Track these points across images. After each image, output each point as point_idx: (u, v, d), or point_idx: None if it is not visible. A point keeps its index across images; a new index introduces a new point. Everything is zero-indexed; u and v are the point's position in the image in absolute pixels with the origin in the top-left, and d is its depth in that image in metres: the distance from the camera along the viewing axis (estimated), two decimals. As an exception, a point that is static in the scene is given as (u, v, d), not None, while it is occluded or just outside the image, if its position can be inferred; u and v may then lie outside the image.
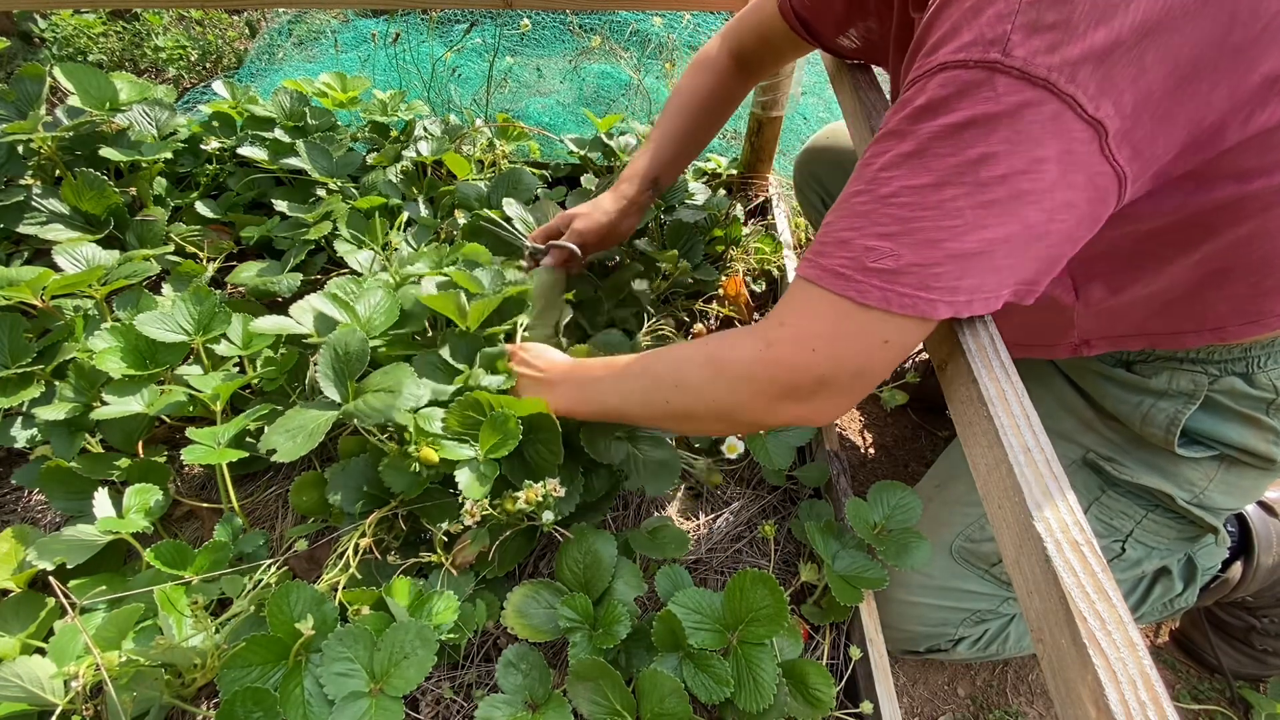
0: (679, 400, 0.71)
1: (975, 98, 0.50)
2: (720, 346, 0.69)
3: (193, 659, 0.75)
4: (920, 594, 0.93)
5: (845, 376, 0.61)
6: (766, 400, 0.65)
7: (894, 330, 0.58)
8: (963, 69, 0.50)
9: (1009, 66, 0.48)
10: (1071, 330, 0.77)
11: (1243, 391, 0.77)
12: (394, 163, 1.44)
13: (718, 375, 0.67)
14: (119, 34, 2.37)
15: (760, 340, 0.64)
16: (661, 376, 0.73)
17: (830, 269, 0.59)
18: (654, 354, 0.76)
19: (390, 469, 0.83)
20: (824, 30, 0.96)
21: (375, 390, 0.83)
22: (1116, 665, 0.44)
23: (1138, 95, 0.48)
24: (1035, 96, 0.48)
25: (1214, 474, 0.82)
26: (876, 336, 0.58)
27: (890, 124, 0.56)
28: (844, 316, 0.58)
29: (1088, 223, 0.55)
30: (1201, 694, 1.10)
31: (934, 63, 0.53)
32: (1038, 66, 0.48)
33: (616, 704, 0.73)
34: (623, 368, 0.79)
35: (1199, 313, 0.70)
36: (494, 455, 0.81)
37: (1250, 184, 0.57)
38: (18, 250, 1.25)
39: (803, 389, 0.63)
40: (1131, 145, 0.50)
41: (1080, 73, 0.47)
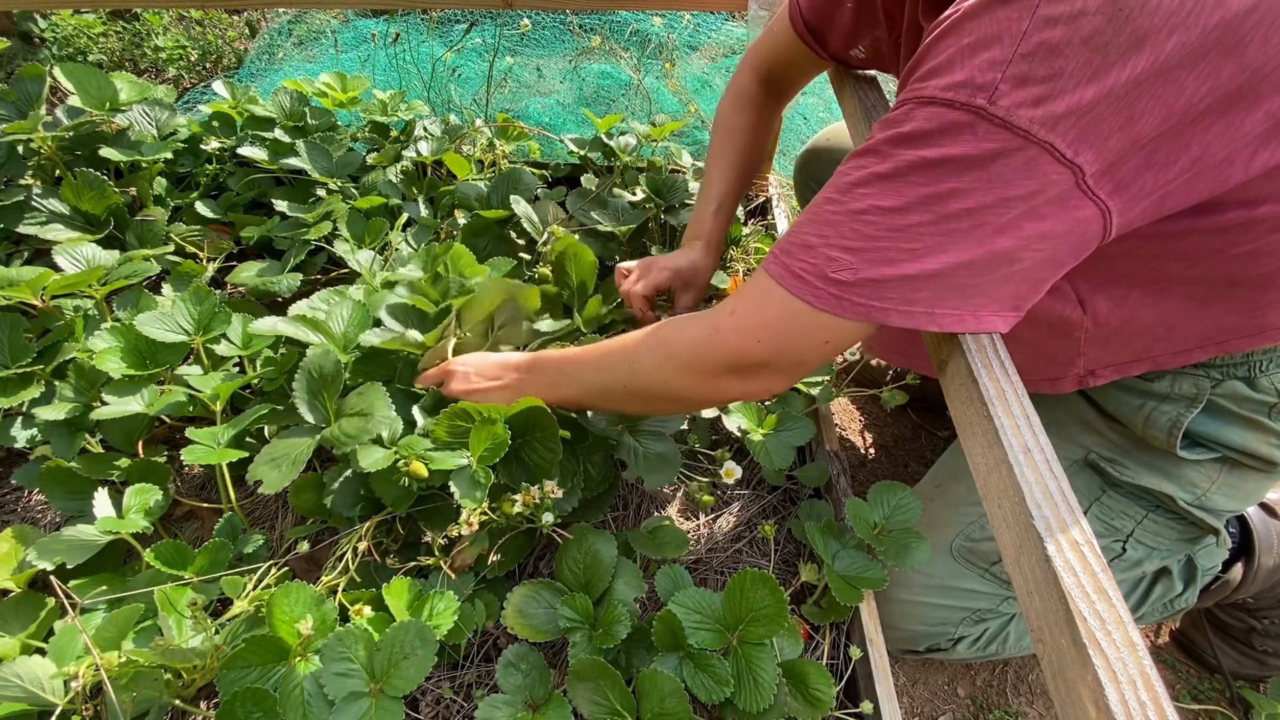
0: (634, 384, 0.76)
1: (956, 138, 0.52)
2: (671, 331, 0.74)
3: (193, 659, 0.74)
4: (920, 593, 0.93)
5: (784, 363, 0.67)
6: (710, 378, 0.71)
7: (838, 330, 0.62)
8: (949, 108, 0.52)
9: (991, 115, 0.50)
10: (1078, 360, 0.77)
11: (1245, 395, 0.76)
12: (394, 163, 1.44)
13: (667, 358, 0.73)
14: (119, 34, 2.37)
15: (709, 326, 0.69)
16: (616, 364, 0.78)
17: (792, 270, 0.62)
18: (609, 342, 0.81)
19: (380, 481, 0.83)
20: (833, 40, 0.97)
21: (350, 414, 0.84)
22: (1116, 665, 0.44)
23: (1125, 141, 0.49)
24: (1014, 144, 0.50)
25: (1216, 476, 0.82)
26: (820, 336, 0.63)
27: (874, 140, 0.58)
28: (794, 315, 0.62)
29: (1070, 250, 0.56)
30: (1201, 694, 1.10)
31: (925, 93, 0.54)
32: (1019, 119, 0.49)
33: (616, 704, 0.73)
34: (579, 357, 0.83)
35: (1202, 329, 0.70)
36: (487, 461, 0.80)
37: (1258, 209, 0.57)
38: (18, 250, 1.25)
39: (744, 369, 0.69)
40: (1114, 181, 0.51)
41: (1061, 124, 0.49)
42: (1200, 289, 0.67)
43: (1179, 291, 0.67)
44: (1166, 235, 0.61)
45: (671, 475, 0.93)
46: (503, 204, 1.28)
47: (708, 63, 2.21)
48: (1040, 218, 0.53)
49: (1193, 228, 0.59)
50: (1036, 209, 0.52)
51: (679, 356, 0.72)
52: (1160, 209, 0.55)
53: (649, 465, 0.93)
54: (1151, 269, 0.66)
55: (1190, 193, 0.53)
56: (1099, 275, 0.68)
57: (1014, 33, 0.49)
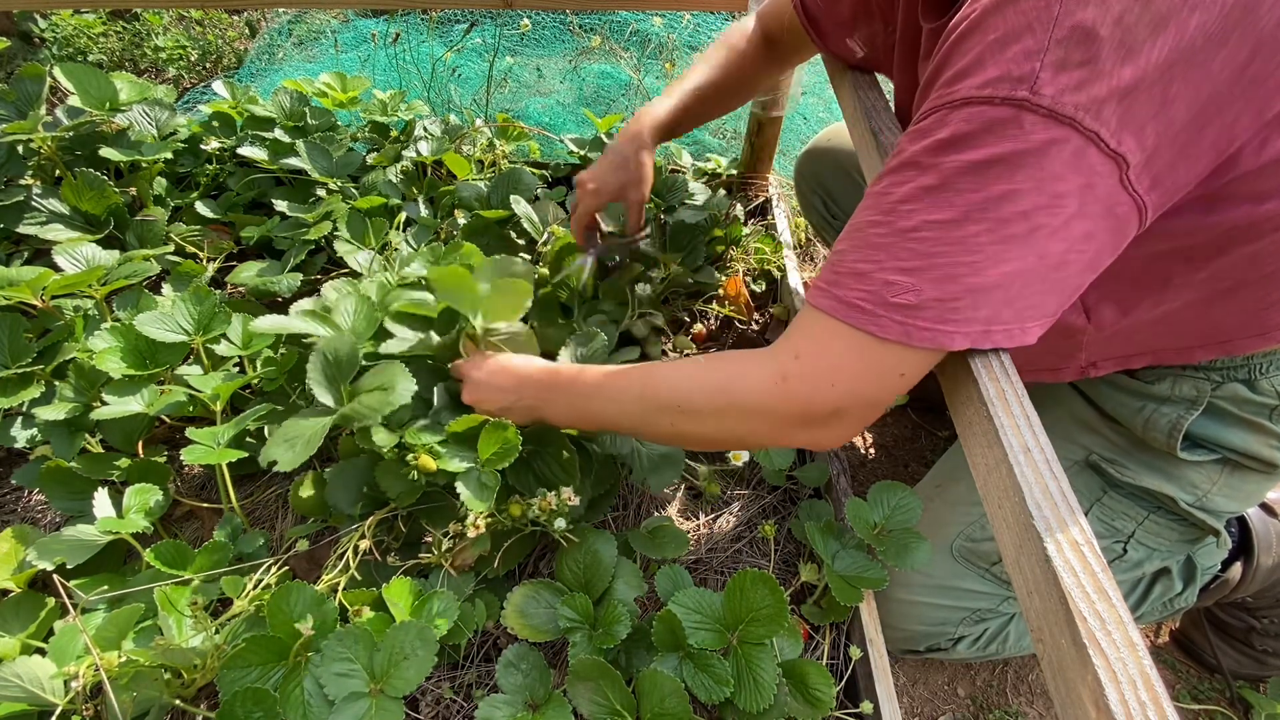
0: (685, 425, 0.70)
1: (1001, 135, 0.50)
2: (731, 376, 0.67)
3: (193, 659, 0.74)
4: (920, 593, 0.93)
5: (860, 407, 0.62)
6: (780, 430, 0.66)
7: (910, 363, 0.58)
8: (988, 105, 0.50)
9: (1036, 105, 0.48)
10: (1079, 353, 0.77)
11: (1245, 398, 0.76)
12: (394, 163, 1.44)
13: (729, 405, 0.66)
14: (119, 34, 2.37)
15: (775, 373, 0.63)
16: (664, 400, 0.71)
17: (848, 301, 0.58)
18: (652, 372, 0.74)
19: (386, 474, 0.83)
20: (829, 31, 0.97)
21: (369, 390, 0.82)
22: (1116, 665, 0.44)
23: (1160, 128, 0.48)
24: (1061, 135, 0.48)
25: (1217, 478, 0.82)
26: (894, 370, 0.59)
27: (909, 153, 0.56)
28: (863, 351, 0.58)
29: (1108, 251, 0.54)
30: (1201, 694, 1.10)
31: (957, 95, 0.52)
32: (1065, 105, 0.48)
33: (616, 704, 0.73)
34: (619, 387, 0.75)
35: (1206, 328, 0.70)
36: (494, 465, 0.80)
37: (1264, 205, 0.57)
38: (18, 250, 1.25)
39: (817, 419, 0.63)
40: (1152, 176, 0.50)
41: (1105, 110, 0.47)
42: (1205, 290, 0.66)
43: (1184, 292, 0.67)
44: (1173, 234, 0.60)
45: (675, 475, 0.93)
46: (503, 204, 1.28)
47: (708, 63, 2.20)
48: (1087, 217, 0.51)
49: (1200, 226, 0.59)
50: (1085, 208, 0.51)
51: (742, 407, 0.66)
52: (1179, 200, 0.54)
53: (653, 467, 0.93)
54: (1157, 270, 0.66)
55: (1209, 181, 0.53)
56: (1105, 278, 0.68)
57: (1045, 20, 0.48)
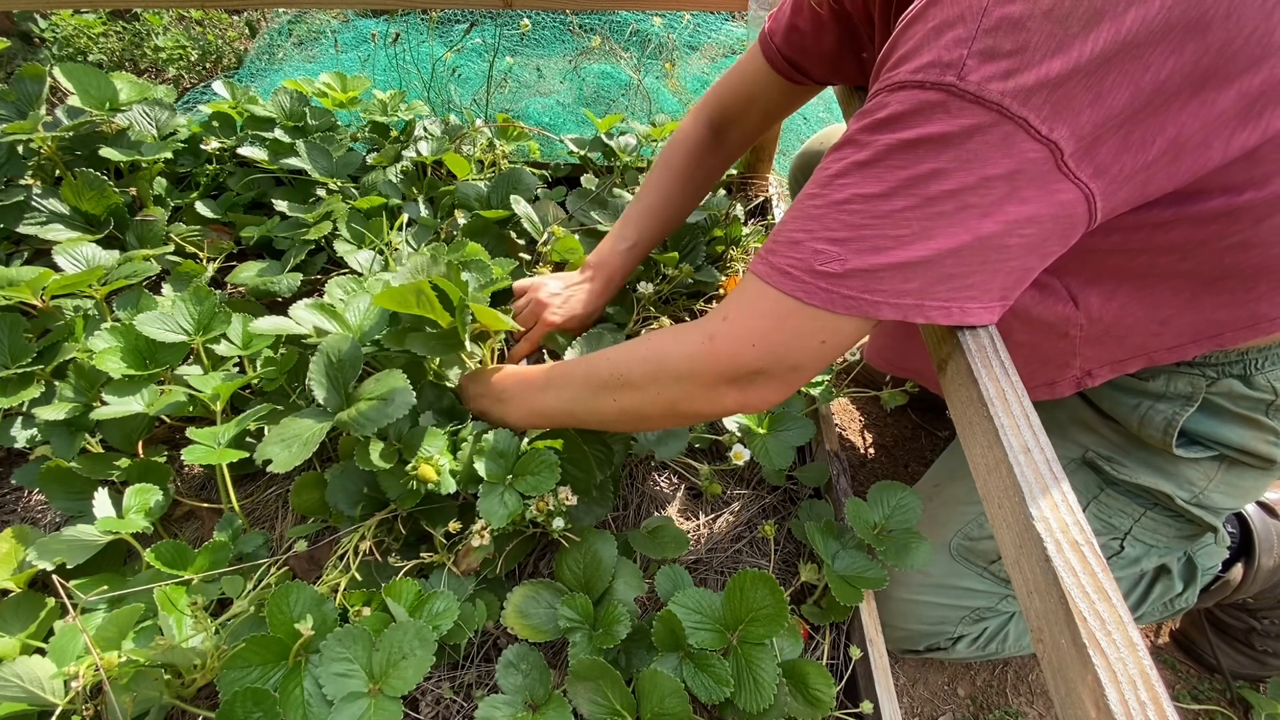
0: (626, 399, 0.73)
1: (930, 117, 0.52)
2: (664, 342, 0.72)
3: (193, 659, 0.74)
4: (919, 592, 0.94)
5: (781, 369, 0.65)
6: (706, 389, 0.68)
7: (833, 329, 0.61)
8: (920, 89, 0.52)
9: (963, 90, 0.50)
10: (1074, 360, 0.77)
11: (1241, 393, 0.76)
12: (394, 163, 1.44)
13: (661, 370, 0.70)
14: (119, 34, 2.37)
15: (703, 334, 0.67)
16: (606, 378, 0.75)
17: (779, 268, 0.61)
18: (595, 356, 0.79)
19: (387, 478, 0.83)
20: (814, 69, 0.97)
21: (368, 398, 0.82)
22: (1116, 665, 0.44)
23: (1097, 117, 0.49)
24: (987, 119, 0.50)
25: (1214, 474, 0.82)
26: (815, 335, 0.61)
27: (850, 132, 0.59)
28: (787, 314, 0.61)
29: (1056, 237, 0.55)
30: (1201, 694, 1.10)
31: (895, 79, 0.55)
32: (990, 91, 0.49)
33: (616, 704, 0.73)
34: (565, 373, 0.81)
35: (1197, 322, 0.70)
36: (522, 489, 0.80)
37: (1240, 196, 0.57)
38: (18, 250, 1.25)
39: (740, 378, 0.66)
40: (1094, 164, 0.51)
41: (1034, 98, 0.49)
42: (1190, 283, 0.67)
43: (1169, 286, 0.67)
44: (1152, 226, 0.60)
45: (681, 447, 0.96)
46: (503, 204, 1.28)
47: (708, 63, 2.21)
48: (1023, 200, 0.52)
49: (1178, 218, 0.59)
50: (1018, 190, 0.52)
51: (674, 368, 0.69)
52: (1145, 192, 0.55)
53: (658, 438, 0.96)
54: (1140, 263, 0.66)
55: (1173, 175, 0.53)
56: (1088, 271, 0.68)
57: (976, 11, 0.50)
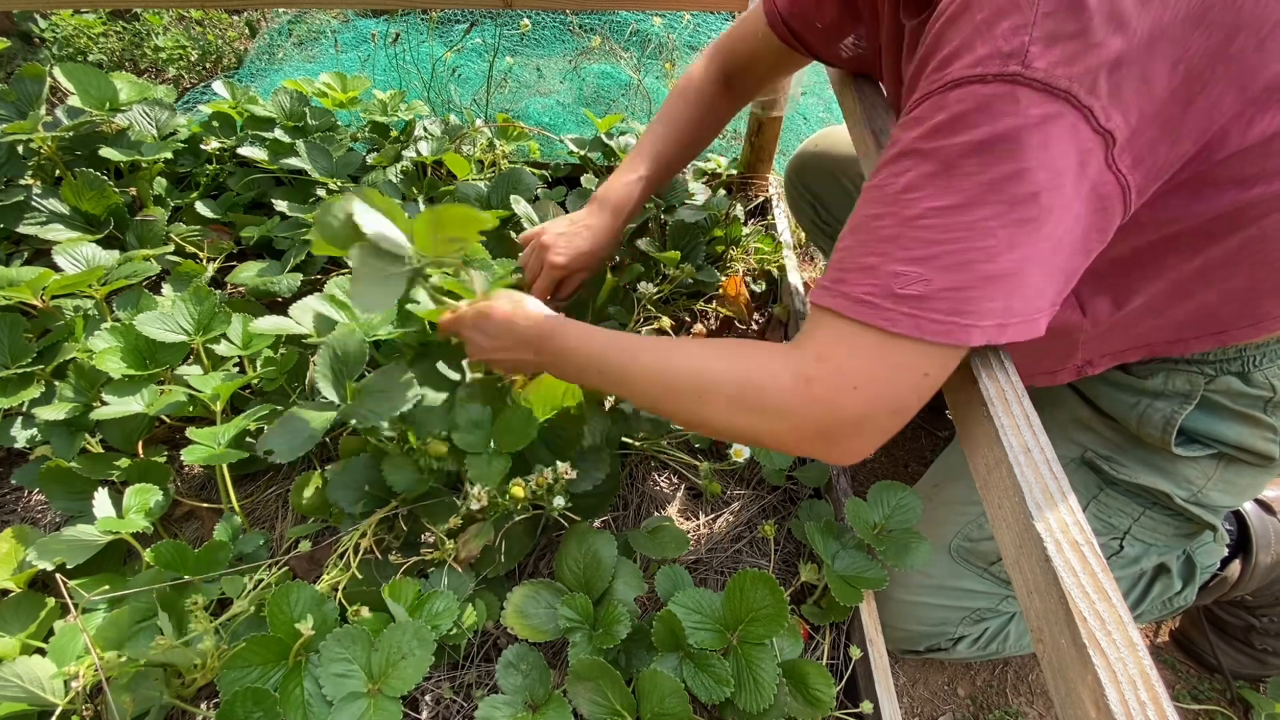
0: (703, 413, 0.65)
1: (998, 112, 0.49)
2: (753, 372, 0.62)
3: (193, 659, 0.75)
4: (920, 593, 0.93)
5: (883, 415, 0.58)
6: (799, 437, 0.61)
7: (930, 362, 0.55)
8: (981, 83, 0.49)
9: (1030, 79, 0.47)
10: (1076, 353, 0.77)
11: (1239, 390, 0.76)
12: (394, 163, 1.44)
13: (753, 405, 0.62)
14: (119, 34, 2.37)
15: (799, 376, 0.59)
16: (682, 385, 0.66)
17: (856, 297, 0.55)
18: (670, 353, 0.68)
19: (392, 467, 0.83)
20: (815, 40, 0.96)
21: (373, 391, 0.83)
22: (1116, 665, 0.44)
23: (1143, 105, 0.48)
24: (1056, 109, 0.48)
25: (1212, 472, 0.82)
26: (917, 370, 0.55)
27: (905, 142, 0.55)
28: (882, 351, 0.55)
29: (1095, 234, 0.53)
30: (1201, 694, 1.10)
31: (948, 78, 0.51)
32: (1058, 78, 0.47)
33: (616, 704, 0.73)
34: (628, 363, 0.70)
35: (1201, 318, 0.70)
36: (508, 450, 0.82)
37: (1250, 190, 0.57)
38: (18, 250, 1.25)
39: (840, 431, 0.59)
40: (1133, 154, 0.50)
41: (1098, 84, 0.47)
42: (1198, 278, 0.66)
43: (1177, 282, 0.67)
44: (1162, 222, 0.60)
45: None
46: (503, 204, 1.28)
47: (708, 63, 2.20)
48: (1082, 196, 0.50)
49: (1188, 212, 0.59)
50: (1079, 186, 0.50)
51: (765, 407, 0.61)
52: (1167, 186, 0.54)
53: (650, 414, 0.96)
54: (1150, 259, 0.66)
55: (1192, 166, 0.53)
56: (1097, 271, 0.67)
57: None
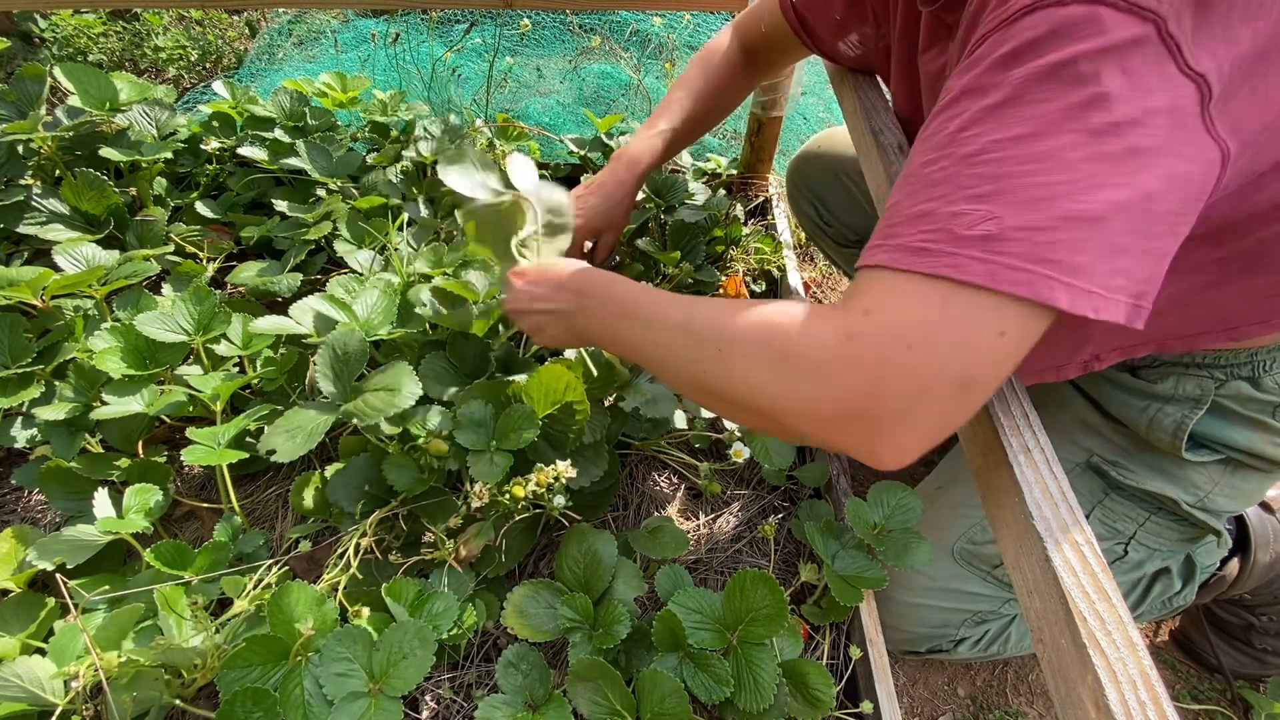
0: (717, 378, 0.56)
1: (1076, 35, 0.43)
2: (786, 323, 0.52)
3: (193, 659, 0.74)
4: (922, 595, 0.93)
5: (946, 388, 0.46)
6: (833, 410, 0.49)
7: (1008, 320, 0.44)
8: (1057, 6, 0.43)
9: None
10: (1086, 346, 0.76)
11: (1249, 395, 0.76)
12: (394, 163, 1.44)
13: (780, 363, 0.51)
14: (119, 34, 2.37)
15: (840, 330, 0.48)
16: (701, 332, 0.57)
17: (910, 247, 0.46)
18: (696, 302, 0.61)
19: (393, 466, 0.83)
20: (823, 33, 0.96)
21: (374, 389, 0.83)
22: (1116, 665, 0.44)
23: (1230, 54, 0.43)
24: (1143, 33, 0.42)
25: (1219, 478, 0.82)
26: (990, 328, 0.44)
27: (959, 86, 0.48)
28: (945, 302, 0.45)
29: (1191, 209, 0.46)
30: (1201, 694, 1.10)
31: (1015, 7, 0.46)
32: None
33: (616, 704, 0.73)
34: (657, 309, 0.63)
35: (1214, 314, 0.69)
36: (508, 447, 0.82)
37: None
38: (18, 250, 1.25)
39: (886, 405, 0.47)
40: (1230, 119, 0.44)
41: (1184, 16, 0.42)
42: (1219, 272, 0.65)
43: (1197, 274, 0.65)
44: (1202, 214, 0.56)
45: (671, 410, 0.96)
46: (503, 204, 1.28)
47: (708, 63, 2.20)
48: (1179, 154, 0.43)
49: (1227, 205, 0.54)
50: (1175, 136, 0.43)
51: (795, 364, 0.50)
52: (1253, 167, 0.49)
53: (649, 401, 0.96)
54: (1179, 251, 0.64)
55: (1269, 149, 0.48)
56: None
57: None
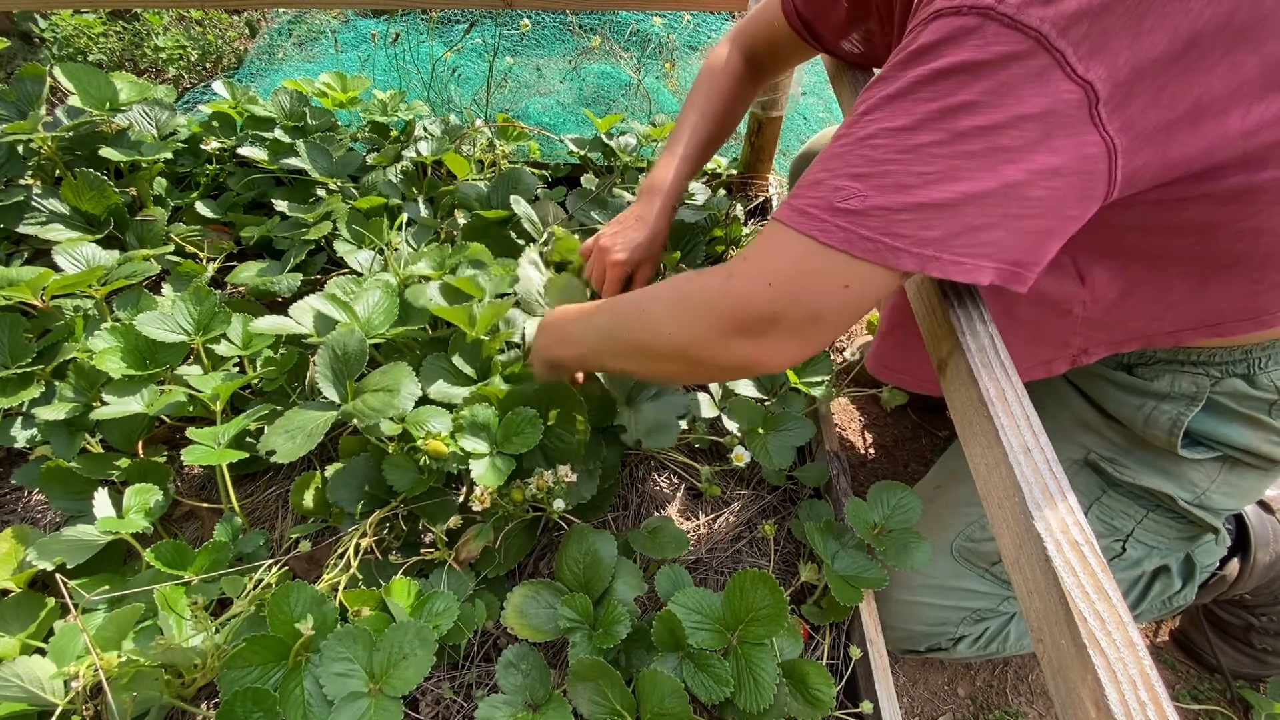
0: (640, 335, 0.72)
1: (964, 44, 0.49)
2: (685, 279, 0.70)
3: (193, 659, 0.75)
4: (921, 593, 0.93)
5: (798, 316, 0.60)
6: (719, 333, 0.64)
7: (855, 276, 0.56)
8: (956, 15, 0.50)
9: (1001, 14, 0.47)
10: (1072, 339, 0.76)
11: (1244, 393, 0.76)
12: (394, 163, 1.44)
13: (678, 305, 0.69)
14: (119, 34, 2.37)
15: (723, 273, 0.64)
16: (627, 312, 0.75)
17: (798, 208, 0.58)
18: (625, 294, 0.80)
19: (393, 466, 0.83)
20: (826, 33, 0.96)
21: (374, 390, 0.83)
22: (1116, 665, 0.44)
23: (1134, 60, 0.47)
24: (1023, 48, 0.47)
25: (1216, 475, 0.82)
26: (836, 280, 0.57)
27: (883, 70, 0.56)
28: (805, 255, 0.57)
29: (1075, 197, 0.52)
30: (1201, 694, 1.10)
31: (931, 10, 0.52)
32: (1029, 17, 0.47)
33: (616, 704, 0.73)
34: (595, 307, 0.82)
35: (1200, 309, 0.70)
36: (510, 451, 0.83)
37: (1261, 174, 0.55)
38: (18, 250, 1.25)
39: (755, 324, 0.62)
40: (1124, 117, 0.49)
41: (1073, 29, 0.46)
42: (1200, 267, 0.65)
43: (1178, 270, 0.67)
44: (1170, 204, 0.59)
45: (671, 439, 0.96)
46: (503, 204, 1.28)
47: (708, 63, 2.20)
48: (1053, 149, 0.50)
49: (1195, 195, 0.58)
50: (1050, 136, 0.49)
51: (689, 303, 0.67)
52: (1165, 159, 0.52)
53: (647, 430, 0.96)
54: (1153, 243, 0.65)
55: (1190, 141, 0.52)
56: (1100, 247, 0.67)
57: None
